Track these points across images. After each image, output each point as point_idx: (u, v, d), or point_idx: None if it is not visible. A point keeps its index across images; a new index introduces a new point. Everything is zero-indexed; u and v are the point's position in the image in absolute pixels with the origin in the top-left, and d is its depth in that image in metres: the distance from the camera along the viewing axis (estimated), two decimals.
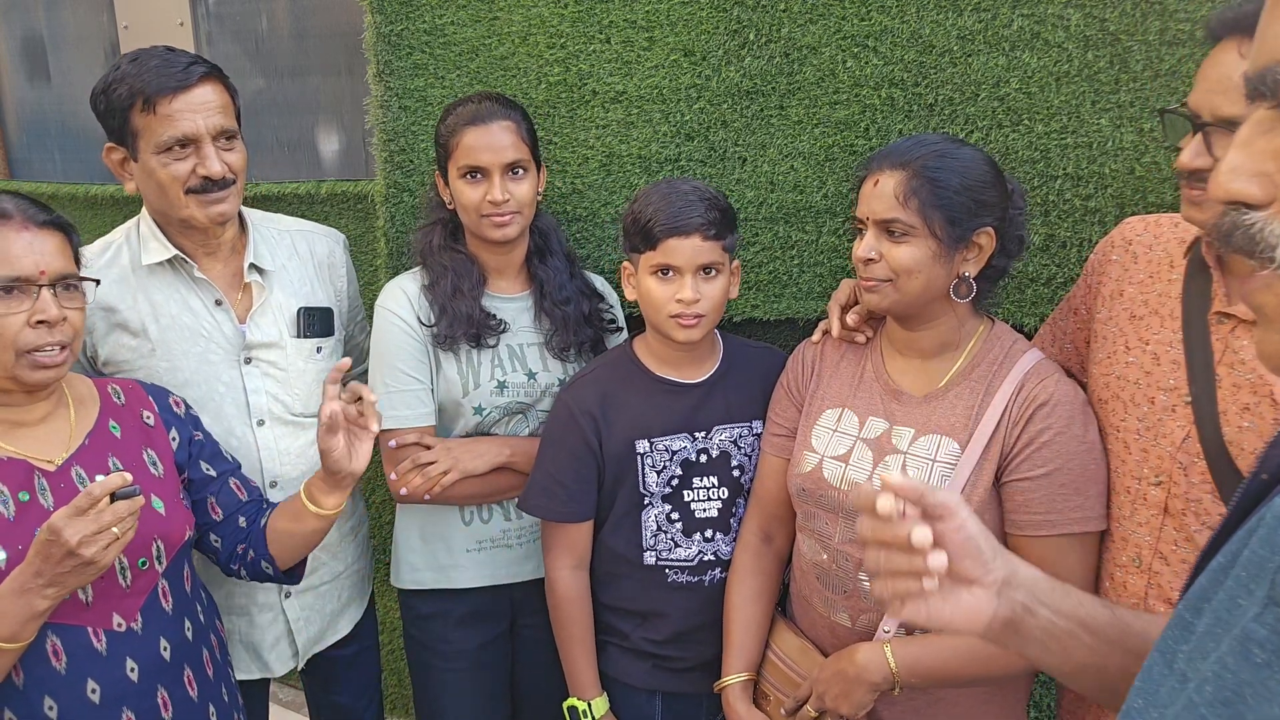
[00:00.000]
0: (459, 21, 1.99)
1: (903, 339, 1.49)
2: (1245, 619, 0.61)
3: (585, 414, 1.65)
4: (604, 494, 1.68)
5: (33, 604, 1.22)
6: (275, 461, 1.73)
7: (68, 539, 1.18)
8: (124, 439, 1.46)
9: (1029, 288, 1.77)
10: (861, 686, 1.40)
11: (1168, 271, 1.36)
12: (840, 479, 1.48)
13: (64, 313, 1.34)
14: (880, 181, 1.38)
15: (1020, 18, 1.67)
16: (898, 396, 1.48)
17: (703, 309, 1.56)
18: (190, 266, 1.68)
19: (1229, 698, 0.61)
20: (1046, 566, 1.33)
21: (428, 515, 1.83)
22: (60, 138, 3.30)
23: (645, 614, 1.70)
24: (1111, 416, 1.37)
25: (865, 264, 1.40)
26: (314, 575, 1.82)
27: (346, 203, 2.55)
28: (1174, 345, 1.30)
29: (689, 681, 1.72)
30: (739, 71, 1.86)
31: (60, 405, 1.43)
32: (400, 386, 1.73)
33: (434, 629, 1.87)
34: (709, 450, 1.67)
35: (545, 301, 1.81)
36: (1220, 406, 1.21)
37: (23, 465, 1.34)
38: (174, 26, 2.82)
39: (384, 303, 1.77)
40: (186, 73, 1.56)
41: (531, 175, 1.74)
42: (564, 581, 1.69)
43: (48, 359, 1.33)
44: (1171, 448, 1.27)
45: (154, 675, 1.39)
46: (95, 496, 1.20)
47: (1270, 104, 0.61)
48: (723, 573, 1.68)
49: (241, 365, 1.70)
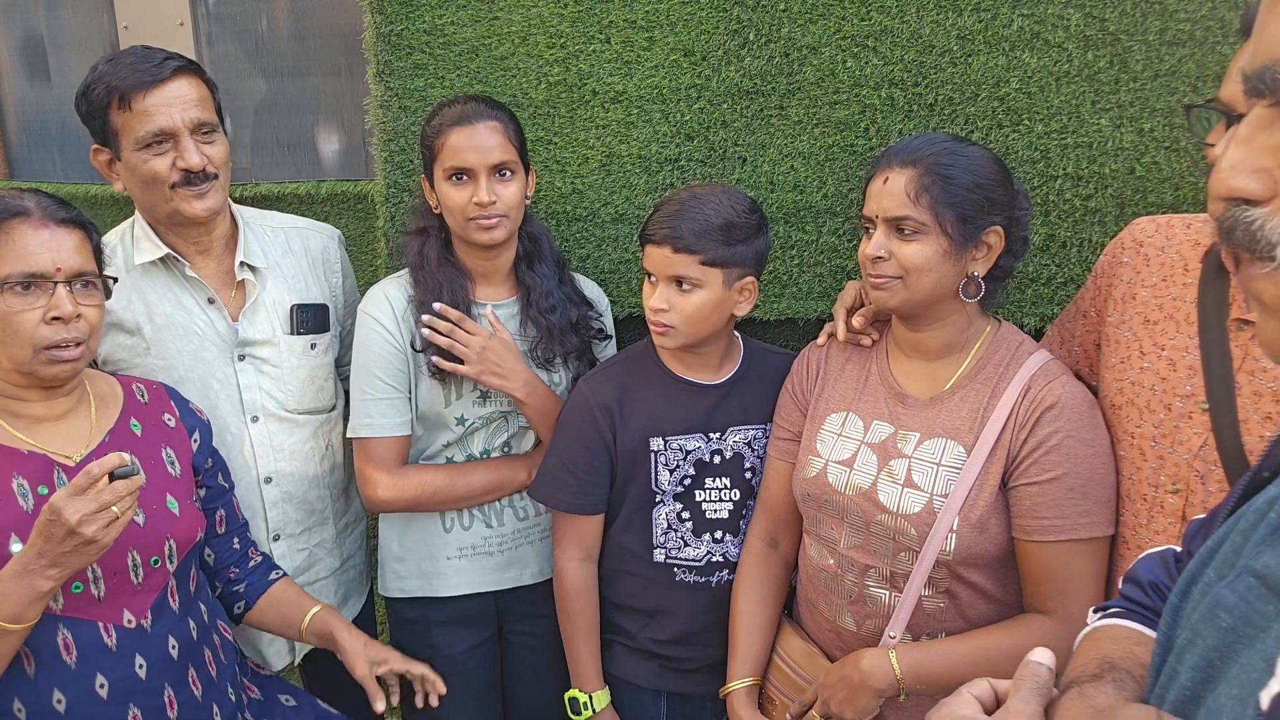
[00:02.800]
0: (459, 21, 1.99)
1: (909, 341, 1.48)
2: (1218, 586, 0.62)
3: (602, 407, 1.65)
4: (616, 490, 1.68)
5: (35, 585, 1.22)
6: (269, 457, 1.74)
7: (68, 518, 1.19)
8: (144, 437, 1.48)
9: (1029, 288, 1.76)
10: (866, 692, 1.39)
11: (1182, 275, 1.33)
12: (845, 484, 1.46)
13: (79, 309, 1.35)
14: (890, 179, 1.36)
15: (1020, 18, 1.68)
16: (903, 400, 1.47)
17: (671, 320, 1.54)
18: (182, 265, 1.68)
19: (1198, 662, 0.62)
20: (1055, 571, 1.33)
21: (409, 524, 1.83)
22: (60, 138, 3.30)
23: (652, 612, 1.70)
24: (1126, 423, 1.34)
25: (874, 262, 1.38)
26: (310, 571, 1.83)
27: (346, 203, 2.55)
28: (1190, 351, 1.27)
29: (695, 682, 1.72)
30: (739, 71, 1.86)
31: (82, 402, 1.45)
32: (378, 394, 1.72)
33: (419, 634, 1.86)
34: (723, 451, 1.66)
35: (532, 309, 1.78)
36: (1241, 415, 1.19)
37: (43, 459, 1.36)
38: (174, 26, 2.82)
39: (367, 308, 1.74)
40: (160, 68, 1.57)
41: (519, 178, 1.70)
42: (571, 573, 1.70)
43: (63, 354, 1.35)
44: (1189, 455, 1.25)
45: (162, 673, 1.40)
46: (94, 476, 1.21)
47: (1269, 101, 0.61)
48: (730, 575, 1.68)
49: (235, 362, 1.71)
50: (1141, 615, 0.97)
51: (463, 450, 1.81)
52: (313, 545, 1.83)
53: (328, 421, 1.84)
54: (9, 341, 1.32)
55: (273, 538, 1.76)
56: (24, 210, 1.35)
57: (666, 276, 1.54)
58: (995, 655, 1.36)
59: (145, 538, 1.38)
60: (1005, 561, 1.40)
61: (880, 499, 1.42)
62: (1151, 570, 1.00)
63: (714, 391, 1.67)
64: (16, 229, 1.33)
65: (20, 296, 1.32)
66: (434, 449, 1.79)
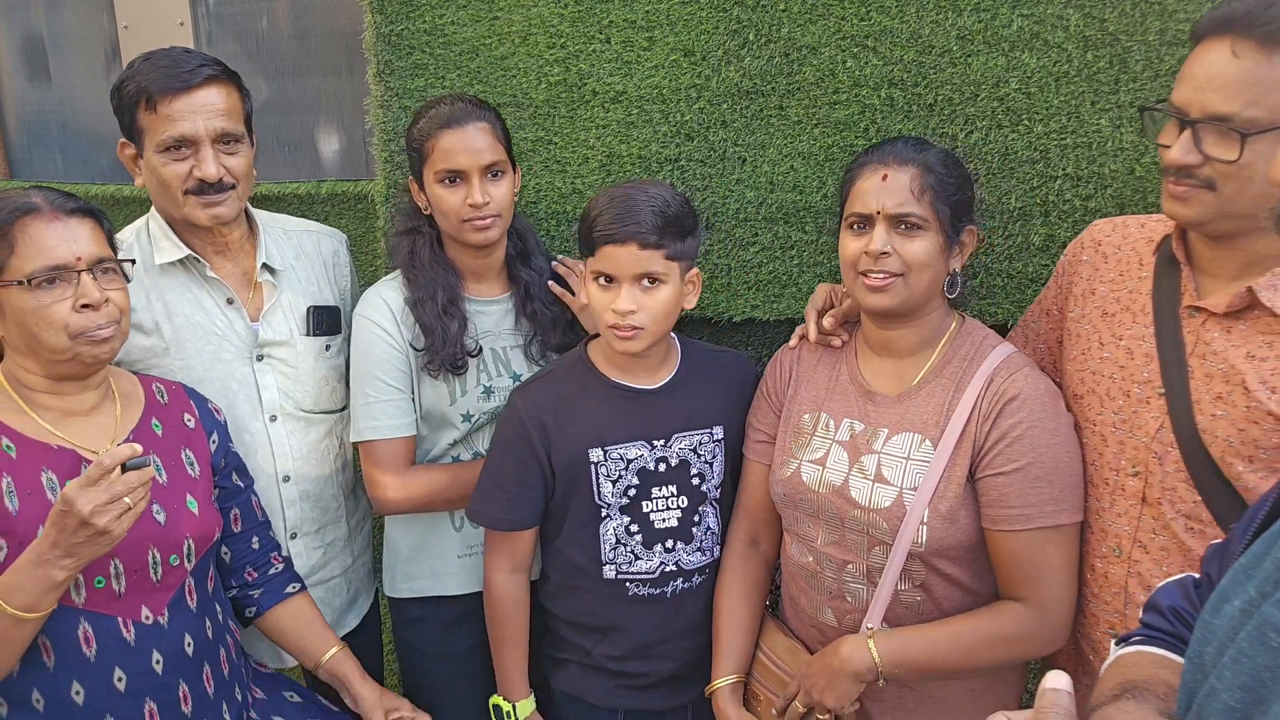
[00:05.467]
0: (459, 21, 1.99)
1: (879, 340, 1.50)
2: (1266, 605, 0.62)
3: (533, 419, 1.60)
4: (555, 504, 1.64)
5: (50, 575, 1.24)
6: (287, 457, 1.75)
7: (80, 509, 1.21)
8: (164, 437, 1.50)
9: (1029, 288, 1.77)
10: (845, 678, 1.41)
11: (1137, 269, 1.40)
12: (819, 482, 1.48)
13: (106, 294, 1.38)
14: (890, 176, 1.39)
15: (1020, 18, 1.68)
16: (872, 397, 1.49)
17: (640, 321, 1.49)
18: (203, 266, 1.69)
19: (1247, 682, 0.62)
20: (1026, 559, 1.37)
21: (420, 523, 1.83)
22: (60, 138, 3.30)
23: (605, 629, 1.68)
24: (1088, 411, 1.40)
25: (878, 259, 1.39)
26: (325, 569, 1.85)
27: (346, 203, 2.55)
28: (1146, 340, 1.34)
29: (651, 698, 1.70)
30: (739, 71, 1.86)
31: (107, 398, 1.47)
32: (382, 396, 1.72)
33: (424, 632, 1.87)
34: (668, 459, 1.63)
35: (530, 304, 1.79)
36: (1194, 396, 1.26)
37: (71, 454, 1.38)
38: (174, 26, 2.82)
39: (364, 312, 1.73)
40: (192, 74, 1.57)
41: (508, 176, 1.71)
42: (500, 584, 1.68)
43: (101, 333, 1.37)
44: (1146, 438, 1.31)
45: (177, 669, 1.42)
46: (106, 467, 1.23)
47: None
48: (684, 583, 1.66)
49: (254, 363, 1.72)
50: (1164, 641, 0.97)
51: (469, 448, 1.81)
52: (327, 543, 1.85)
53: (340, 421, 1.86)
54: (46, 333, 1.35)
55: (290, 535, 1.78)
56: (34, 207, 1.36)
57: (632, 275, 1.48)
58: (971, 641, 1.39)
59: (165, 536, 1.40)
60: (977, 552, 1.43)
61: (852, 495, 1.44)
62: (1171, 597, 1.01)
63: (654, 396, 1.63)
64: (30, 225, 1.35)
65: (48, 290, 1.35)
66: (440, 449, 1.80)
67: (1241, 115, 1.16)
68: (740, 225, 1.93)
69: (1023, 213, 1.75)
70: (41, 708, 1.33)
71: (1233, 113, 1.16)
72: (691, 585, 1.67)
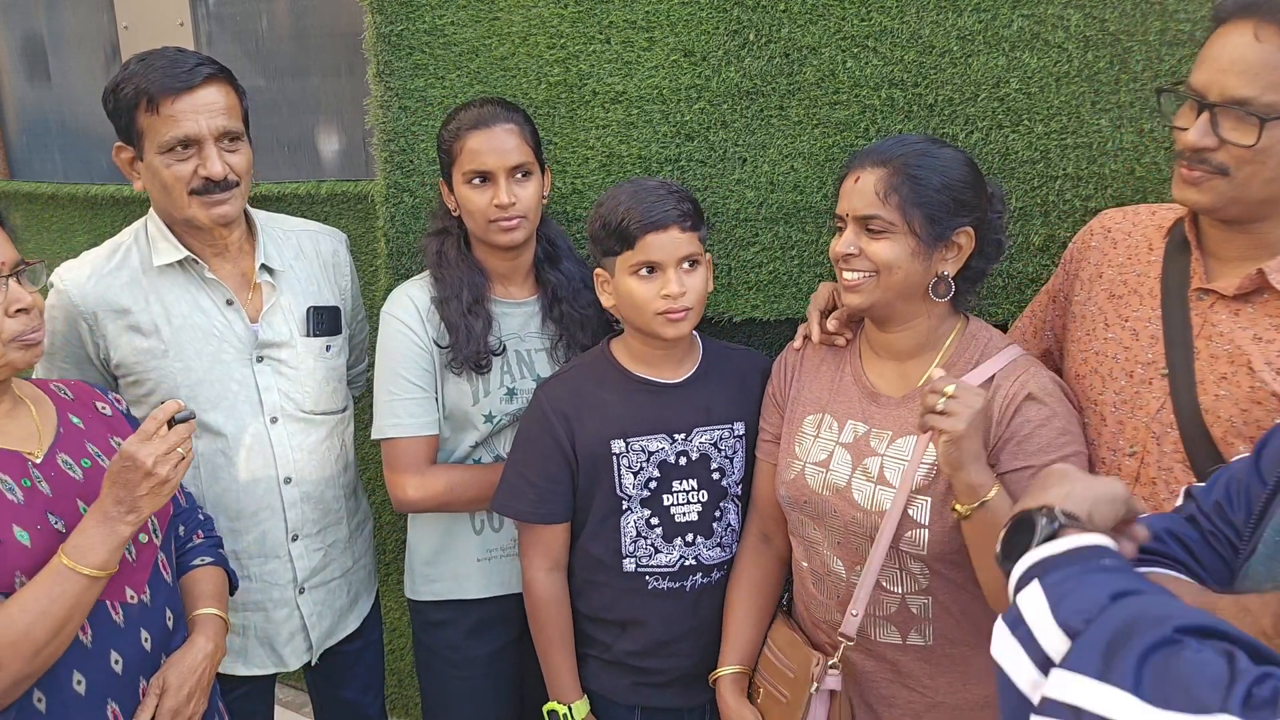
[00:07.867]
0: (459, 21, 1.99)
1: (880, 341, 1.50)
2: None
3: (557, 412, 1.62)
4: (580, 497, 1.65)
5: (118, 530, 1.30)
6: (288, 458, 1.75)
7: (143, 460, 1.29)
8: (89, 429, 1.49)
9: (1029, 288, 1.77)
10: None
11: (1146, 254, 1.40)
12: (822, 485, 1.48)
13: (32, 296, 1.40)
14: (861, 178, 1.40)
15: (1020, 18, 1.68)
16: (875, 399, 1.49)
17: (689, 301, 1.54)
18: (201, 267, 1.69)
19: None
20: None
21: (439, 526, 1.83)
22: (60, 138, 3.30)
23: (624, 623, 1.68)
24: (1089, 390, 1.41)
25: (845, 260, 1.41)
26: (326, 570, 1.84)
27: (346, 203, 2.55)
28: (1152, 321, 1.34)
29: (668, 695, 1.71)
30: (739, 72, 1.86)
31: (18, 404, 1.45)
32: (405, 394, 1.72)
33: (445, 637, 1.86)
34: (688, 452, 1.64)
35: (558, 306, 1.79)
36: (1198, 376, 1.26)
37: (15, 455, 1.37)
38: (174, 27, 2.82)
39: (392, 310, 1.75)
40: (191, 74, 1.57)
41: (536, 178, 1.72)
42: (540, 583, 1.67)
43: (35, 337, 1.40)
44: (1146, 418, 1.31)
45: (161, 645, 1.44)
46: (160, 420, 1.32)
47: None
48: (704, 578, 1.67)
49: (253, 364, 1.72)
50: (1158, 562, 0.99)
51: (490, 450, 1.81)
52: (328, 545, 1.84)
53: (341, 422, 1.86)
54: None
55: (291, 538, 1.77)
56: None
57: (676, 259, 1.53)
58: None
59: None
60: None
61: (854, 497, 1.44)
62: (1161, 521, 1.02)
63: (675, 390, 1.65)
64: None
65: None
66: (462, 450, 1.80)
67: (1261, 100, 1.15)
68: (741, 225, 1.93)
69: (1023, 213, 1.75)
70: (43, 707, 1.32)
71: (1252, 97, 1.16)
72: (710, 580, 1.68)
